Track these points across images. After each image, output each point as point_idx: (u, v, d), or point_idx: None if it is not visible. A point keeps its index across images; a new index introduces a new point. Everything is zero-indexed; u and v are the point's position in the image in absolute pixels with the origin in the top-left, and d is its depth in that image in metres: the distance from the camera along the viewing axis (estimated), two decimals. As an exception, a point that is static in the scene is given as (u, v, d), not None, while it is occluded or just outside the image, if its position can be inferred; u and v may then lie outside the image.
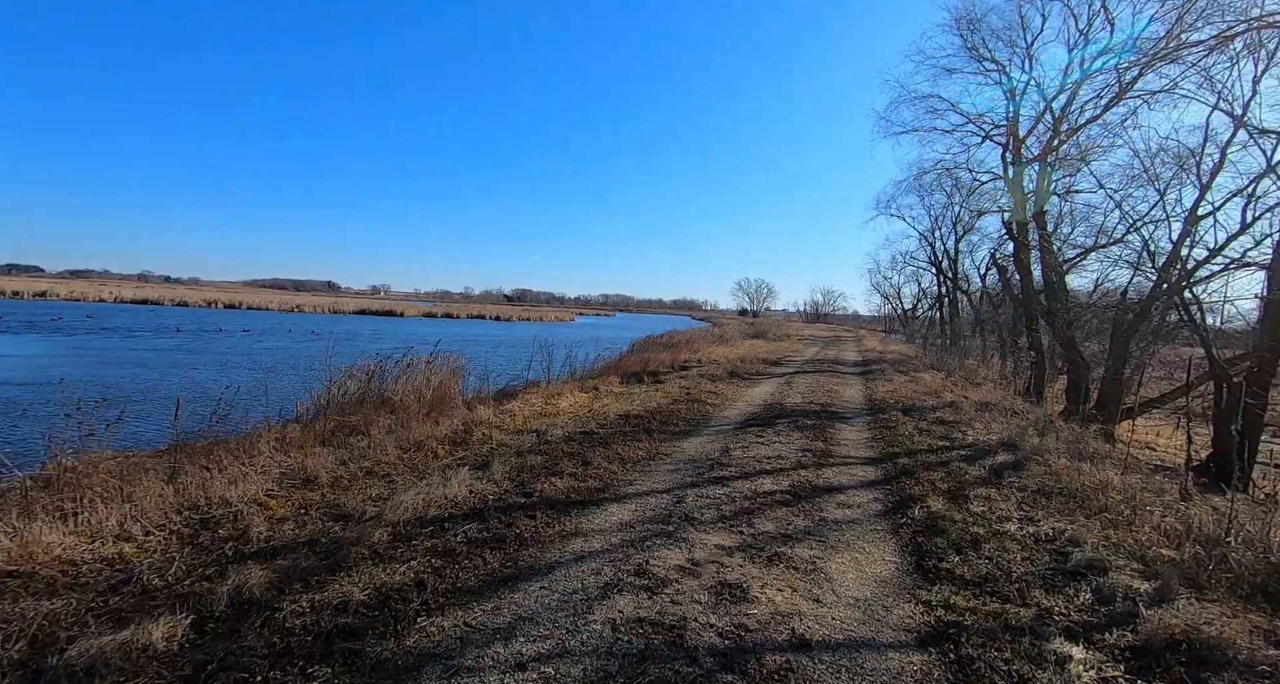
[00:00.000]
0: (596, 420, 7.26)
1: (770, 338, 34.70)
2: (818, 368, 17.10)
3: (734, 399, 9.76)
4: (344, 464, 4.77)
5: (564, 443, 6.02)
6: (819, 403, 9.79)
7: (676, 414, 8.00)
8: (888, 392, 11.69)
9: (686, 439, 6.62)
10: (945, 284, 38.92)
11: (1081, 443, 9.03)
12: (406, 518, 3.67)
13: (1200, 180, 13.78)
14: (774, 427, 7.55)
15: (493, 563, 3.20)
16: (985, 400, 12.50)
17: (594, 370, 12.52)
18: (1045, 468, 5.90)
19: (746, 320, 75.33)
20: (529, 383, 10.28)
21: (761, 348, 25.34)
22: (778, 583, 3.16)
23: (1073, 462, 6.12)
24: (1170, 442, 17.40)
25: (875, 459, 6.17)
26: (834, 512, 4.41)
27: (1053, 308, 19.04)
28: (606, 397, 9.10)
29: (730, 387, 11.23)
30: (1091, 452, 8.27)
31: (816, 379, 13.52)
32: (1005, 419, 9.43)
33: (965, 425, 8.31)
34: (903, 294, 56.92)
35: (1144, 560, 3.65)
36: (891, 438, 7.22)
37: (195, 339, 26.35)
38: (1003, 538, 3.97)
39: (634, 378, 11.84)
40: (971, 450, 6.75)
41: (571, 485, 4.65)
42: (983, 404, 11.70)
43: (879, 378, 14.26)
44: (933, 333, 42.88)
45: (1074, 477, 5.59)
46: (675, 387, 10.56)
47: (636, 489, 4.71)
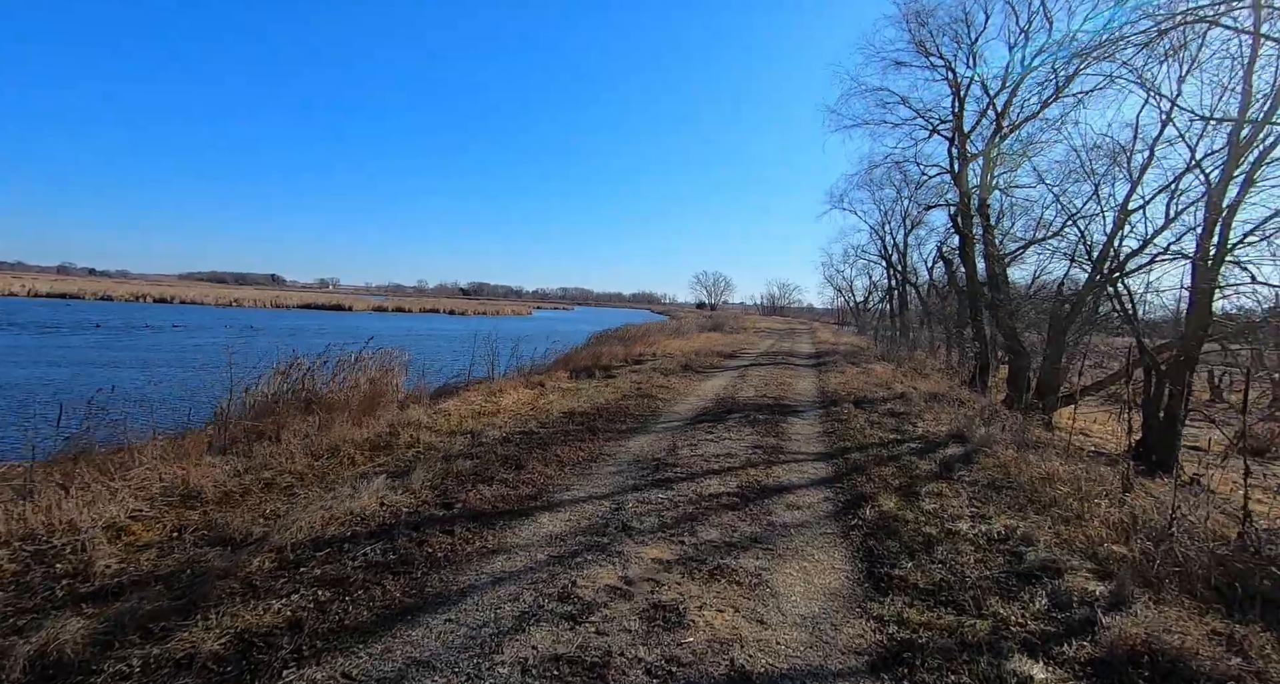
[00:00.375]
0: (539, 419, 6.83)
1: (727, 331, 34.82)
2: (772, 360, 17.07)
3: (686, 394, 9.48)
4: (239, 476, 4.20)
5: (499, 445, 5.57)
6: (772, 396, 9.62)
7: (625, 410, 7.64)
8: (840, 384, 11.67)
9: (633, 437, 6.27)
10: (895, 277, 39.89)
11: (1025, 432, 9.16)
12: (299, 540, 3.18)
13: (1131, 176, 14.30)
14: (725, 422, 7.29)
15: (393, 592, 2.76)
16: (934, 391, 12.67)
17: (543, 365, 12.03)
18: (994, 460, 5.83)
19: (704, 313, 75.73)
20: (473, 380, 9.74)
21: (717, 341, 25.29)
22: (719, 602, 2.84)
23: (1020, 453, 6.08)
24: (1103, 427, 18.22)
25: (827, 454, 5.97)
26: (783, 514, 4.14)
27: (996, 299, 19.63)
28: (553, 393, 8.66)
29: (683, 380, 10.96)
30: (1035, 440, 8.37)
31: (770, 371, 13.42)
32: (953, 409, 9.49)
33: (915, 417, 8.27)
34: (855, 287, 58.16)
35: (1096, 559, 3.52)
36: (843, 432, 7.07)
37: (118, 336, 24.35)
38: (955, 538, 3.78)
39: (584, 372, 11.42)
40: (922, 443, 6.66)
41: (501, 493, 4.22)
42: (931, 395, 11.82)
43: (832, 370, 14.30)
44: (883, 325, 43.99)
45: (1022, 469, 5.53)
46: (626, 381, 10.20)
47: (573, 495, 4.33)
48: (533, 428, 6.33)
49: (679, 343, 21.28)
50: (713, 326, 36.67)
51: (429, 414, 6.63)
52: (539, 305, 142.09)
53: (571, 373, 10.88)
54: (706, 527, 3.83)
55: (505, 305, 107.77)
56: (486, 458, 5.05)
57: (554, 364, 12.17)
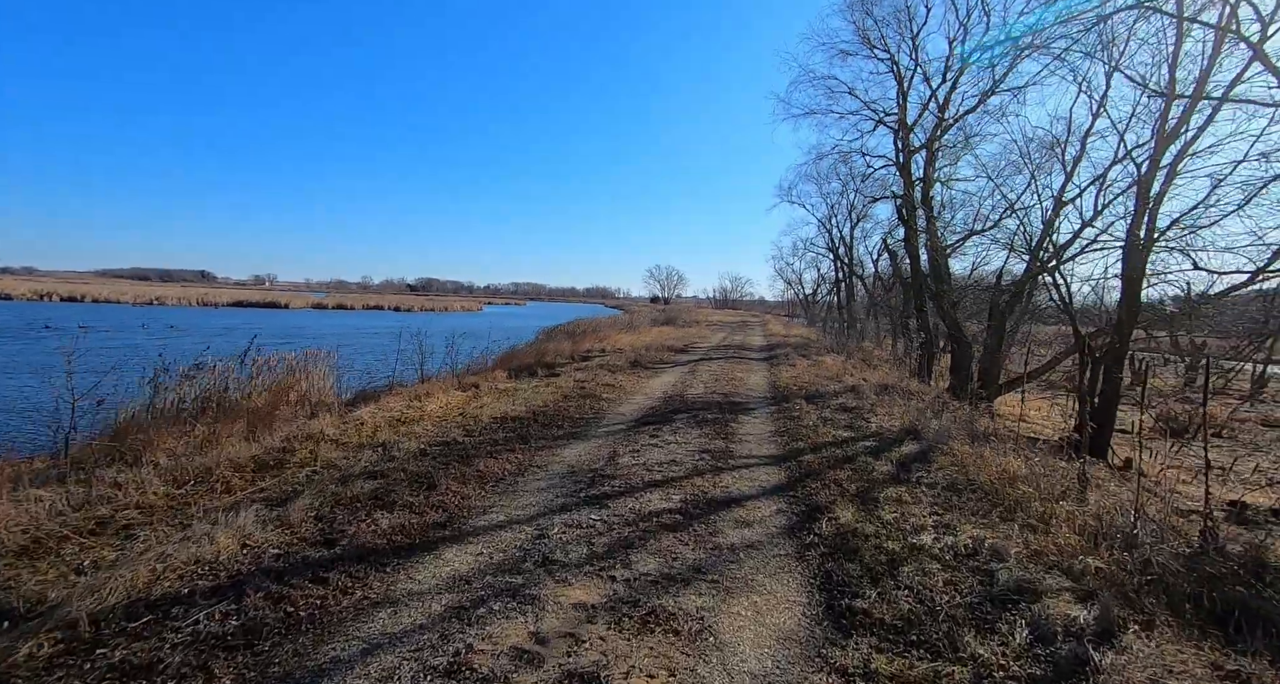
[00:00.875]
0: (465, 426, 6.13)
1: (679, 324, 34.56)
2: (723, 354, 16.78)
3: (632, 392, 8.94)
4: (64, 514, 3.37)
5: (413, 459, 4.86)
6: (722, 392, 9.20)
7: (564, 413, 7.03)
8: (791, 377, 11.40)
9: (570, 444, 5.67)
10: (842, 269, 40.61)
11: (974, 422, 9.08)
12: (109, 605, 2.44)
13: (1065, 168, 14.65)
14: (672, 423, 6.78)
15: (221, 680, 2.09)
16: (883, 382, 12.60)
17: (483, 365, 11.25)
18: (951, 458, 5.55)
19: (658, 307, 75.66)
20: (400, 382, 8.90)
21: (669, 335, 24.92)
22: (651, 663, 2.30)
23: (975, 449, 5.84)
24: (1039, 413, 18.85)
25: (779, 457, 5.55)
26: (731, 534, 3.65)
27: (939, 290, 20.00)
28: (487, 395, 7.95)
29: (630, 378, 10.42)
30: (985, 432, 8.26)
31: (721, 366, 13.07)
32: (904, 402, 9.32)
33: (868, 412, 8.01)
34: (804, 279, 59.18)
35: (1073, 574, 3.18)
36: (795, 430, 6.68)
37: (9, 339, 21.80)
38: (921, 555, 3.38)
39: (526, 371, 10.72)
40: (877, 440, 6.34)
41: (402, 522, 3.56)
42: (882, 386, 11.72)
43: (782, 363, 14.09)
44: (831, 317, 44.83)
45: (979, 466, 5.26)
46: (570, 380, 9.58)
47: (490, 520, 3.70)
48: (456, 437, 5.63)
49: (629, 338, 20.75)
50: (665, 321, 36.37)
51: (338, 424, 5.83)
52: (490, 301, 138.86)
53: (511, 372, 10.16)
54: (644, 554, 3.29)
55: (454, 301, 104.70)
56: (394, 477, 4.35)
57: (494, 363, 11.40)
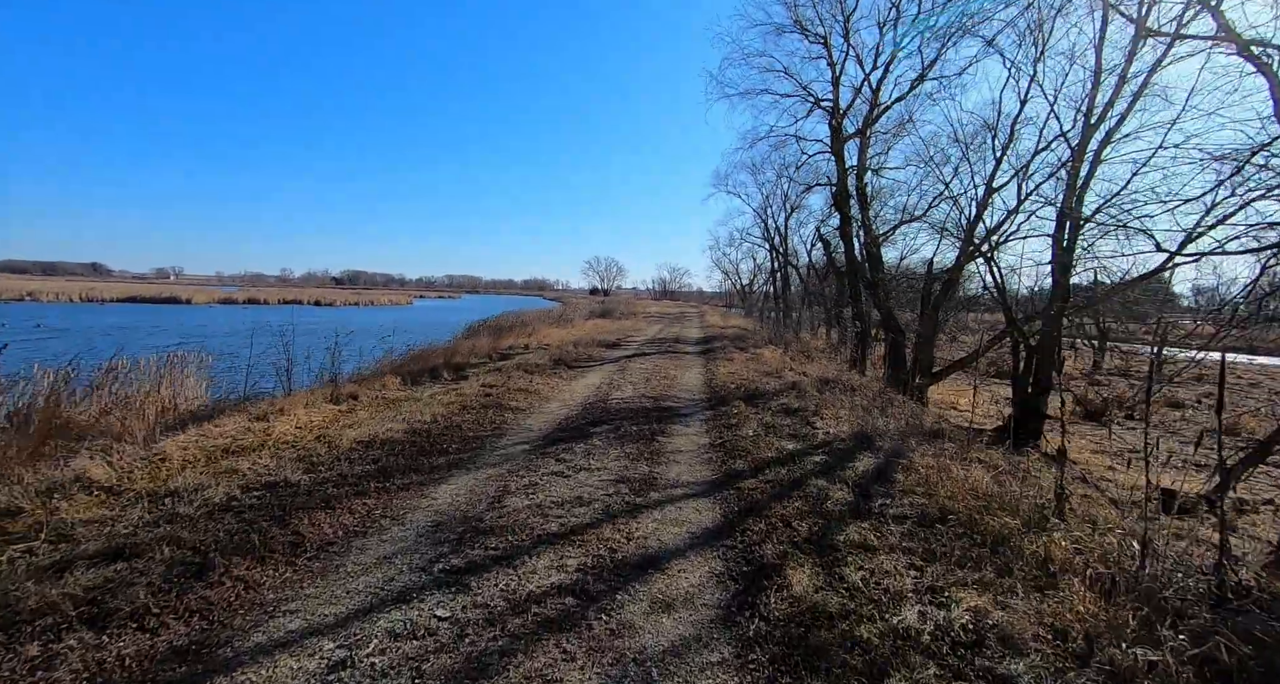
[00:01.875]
0: (313, 457, 4.70)
1: (615, 317, 33.44)
2: (659, 348, 15.76)
3: (548, 398, 7.69)
4: None
5: (206, 518, 3.44)
6: (653, 395, 8.11)
7: (455, 431, 5.69)
8: (729, 374, 10.49)
9: (449, 479, 4.37)
10: (777, 259, 40.73)
11: (922, 420, 8.44)
12: None
13: (995, 154, 14.46)
14: (588, 440, 5.60)
15: None
16: (824, 376, 11.93)
17: (379, 368, 9.65)
18: (914, 475, 4.67)
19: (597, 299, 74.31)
20: (258, 395, 7.26)
21: (603, 328, 23.74)
22: None
23: (937, 460, 5.01)
24: (968, 401, 18.99)
25: (714, 484, 4.48)
26: (645, 629, 2.51)
27: (875, 278, 19.79)
28: (365, 409, 6.49)
29: (551, 380, 9.16)
30: (933, 429, 7.60)
31: (655, 363, 12.01)
32: (848, 399, 8.57)
33: (813, 414, 7.14)
34: (740, 270, 59.45)
35: (1114, 673, 2.26)
36: (734, 443, 5.66)
37: None
38: (908, 649, 2.37)
39: (428, 375, 9.24)
40: (826, 453, 5.41)
41: (106, 659, 2.19)
42: (823, 381, 11.01)
43: (720, 357, 13.21)
44: (768, 307, 45.02)
45: (946, 485, 4.40)
46: (476, 385, 8.21)
47: (271, 635, 2.39)
48: (289, 477, 4.20)
49: (559, 332, 19.41)
50: (601, 313, 35.15)
51: (127, 462, 4.28)
52: (422, 294, 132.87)
53: (408, 377, 8.66)
54: (503, 688, 2.10)
55: (382, 295, 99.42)
56: (150, 556, 2.93)
57: (391, 366, 9.83)
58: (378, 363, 10.07)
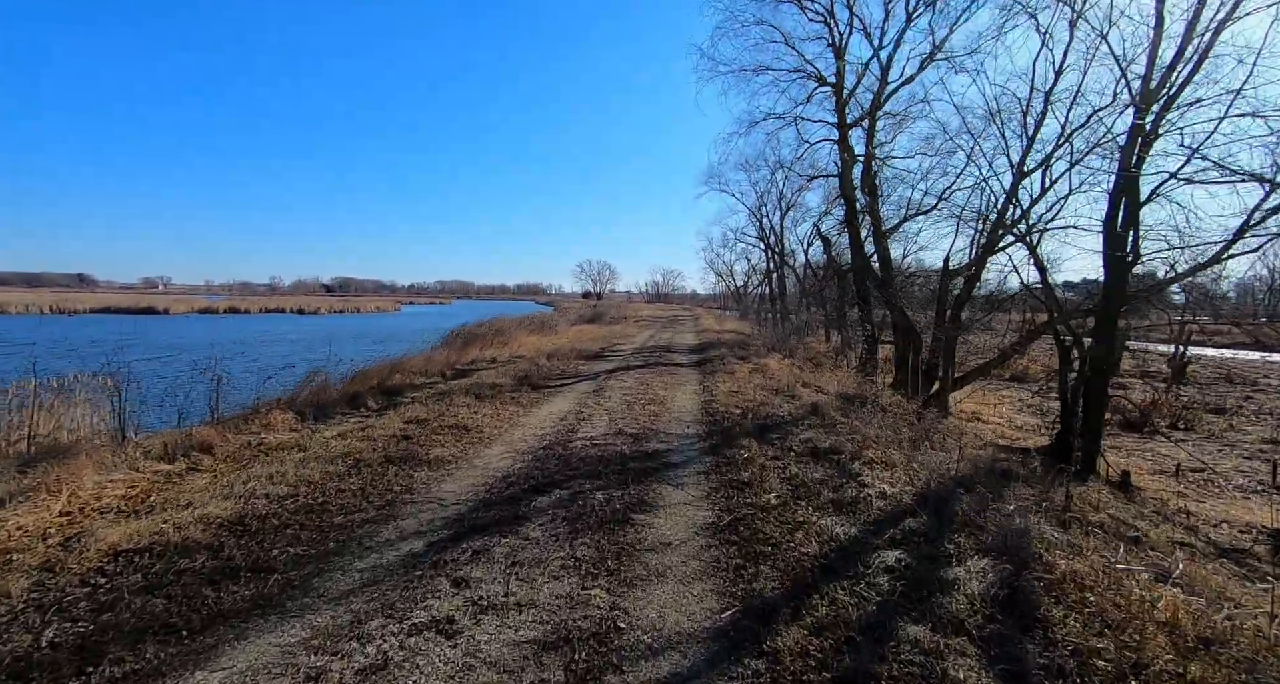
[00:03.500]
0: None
1: (605, 321, 31.45)
2: (648, 359, 13.74)
3: (491, 439, 5.66)
4: None
5: None
6: (633, 431, 6.09)
7: (316, 515, 3.60)
8: (732, 394, 8.49)
9: (224, 649, 2.35)
10: (773, 259, 38.97)
11: (972, 449, 6.54)
12: None
13: (1027, 132, 12.59)
14: (524, 524, 3.57)
15: None
16: (843, 392, 9.97)
17: (291, 394, 7.57)
18: (1066, 596, 2.70)
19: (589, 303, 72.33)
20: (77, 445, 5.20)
21: (589, 334, 21.72)
22: None
23: (1088, 562, 3.05)
24: (994, 411, 17.11)
25: (726, 644, 2.46)
26: None
27: (885, 276, 17.90)
28: (208, 470, 4.45)
29: (505, 408, 7.12)
30: (999, 466, 5.70)
31: (641, 380, 10.00)
32: (885, 426, 6.62)
33: (852, 459, 5.15)
34: (735, 271, 57.70)
35: None
36: (751, 525, 3.64)
37: None
38: None
39: (345, 403, 7.21)
40: (899, 544, 3.40)
41: None
42: (844, 399, 9.05)
43: (719, 370, 11.21)
44: (764, 309, 43.12)
45: (1130, 620, 2.43)
46: (399, 420, 6.17)
47: None
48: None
49: (538, 340, 17.39)
50: (590, 318, 33.17)
51: None
52: (411, 301, 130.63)
53: (314, 410, 6.61)
54: None
55: (369, 302, 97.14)
56: None
57: (312, 392, 7.75)
58: (310, 384, 8.00)
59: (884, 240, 18.07)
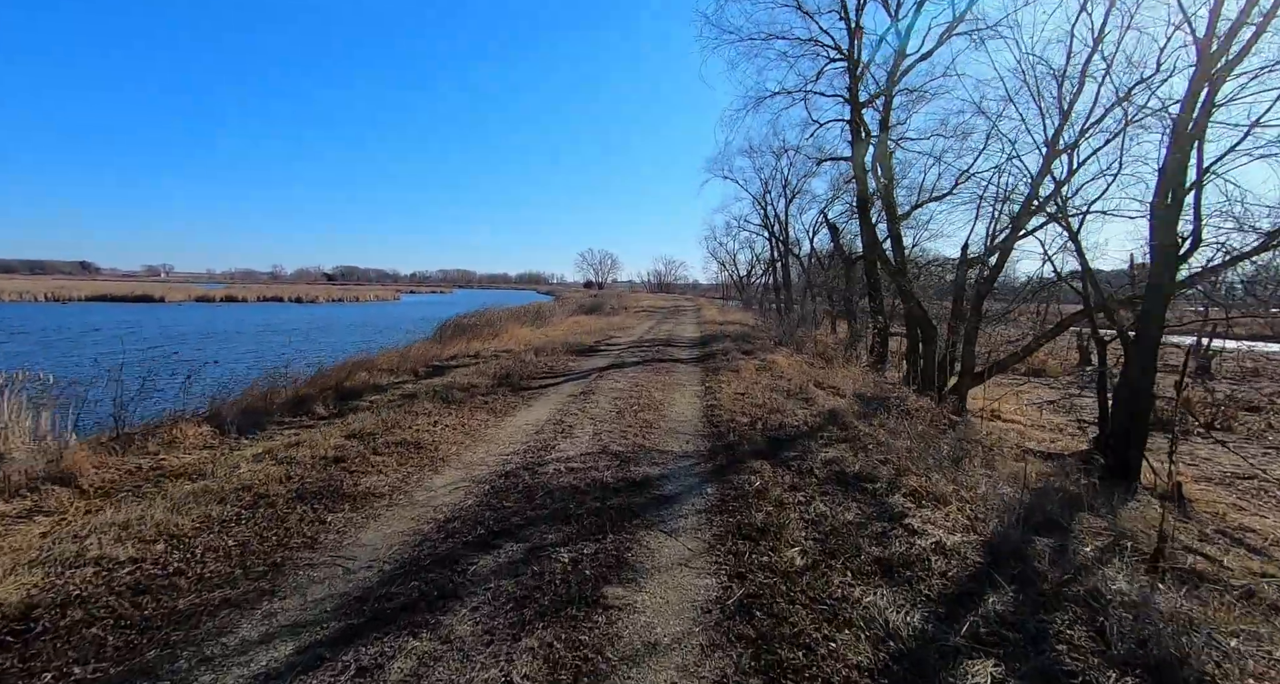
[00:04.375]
0: None
1: (604, 312, 30.34)
2: (645, 354, 12.66)
3: (445, 460, 4.62)
4: None
5: None
6: (620, 449, 5.04)
7: (156, 596, 2.51)
8: (737, 397, 7.43)
9: None
10: (777, 248, 37.77)
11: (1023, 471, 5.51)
12: None
13: (1061, 106, 11.39)
14: (455, 602, 2.51)
15: None
16: (861, 391, 8.91)
17: (254, 396, 6.52)
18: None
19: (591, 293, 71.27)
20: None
21: (585, 326, 20.65)
22: None
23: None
24: (1017, 410, 16.03)
25: None
26: None
27: (900, 264, 16.75)
28: (56, 513, 3.42)
29: (473, 417, 6.07)
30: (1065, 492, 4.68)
31: (636, 379, 8.94)
32: (924, 443, 5.58)
33: (890, 490, 4.10)
34: (738, 260, 56.50)
35: None
36: (766, 598, 2.58)
37: None
38: None
39: (288, 411, 6.17)
40: (971, 636, 2.38)
41: None
42: (864, 402, 8.00)
43: (723, 367, 10.14)
44: (768, 299, 41.93)
45: None
46: (339, 435, 5.12)
47: None
48: None
49: (528, 333, 16.33)
50: (590, 308, 32.07)
51: None
52: (413, 289, 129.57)
53: (247, 418, 5.57)
54: None
55: (368, 291, 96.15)
56: None
57: (256, 395, 6.70)
58: (269, 381, 6.94)
59: (898, 225, 16.91)
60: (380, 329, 25.06)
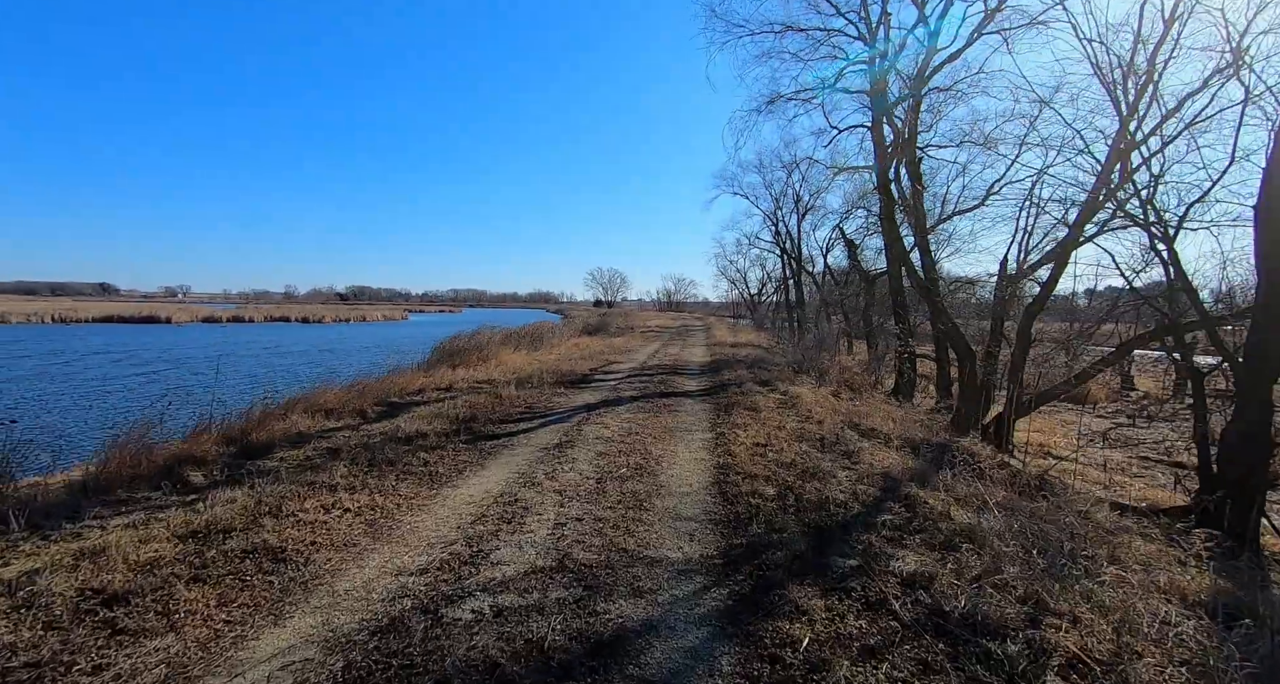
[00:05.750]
0: None
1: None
2: (646, 385, 10.96)
3: (309, 586, 2.92)
4: None
5: None
6: (589, 558, 3.29)
7: None
8: (756, 448, 5.71)
9: None
10: (790, 265, 36.18)
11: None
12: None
13: (1125, 100, 9.75)
14: None
15: None
16: (911, 437, 7.15)
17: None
18: None
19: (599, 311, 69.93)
20: None
21: (586, 348, 19.02)
22: None
23: None
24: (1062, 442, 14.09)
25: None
26: None
27: (930, 280, 15.03)
28: None
29: (398, 488, 4.39)
30: None
31: (631, 422, 7.24)
32: (1021, 526, 3.85)
33: (1029, 654, 2.39)
34: (749, 278, 54.92)
35: None
36: None
37: None
38: None
39: (155, 478, 4.54)
40: None
41: None
42: (918, 452, 6.26)
43: (737, 404, 8.41)
44: (780, 318, 40.14)
45: None
46: (169, 534, 3.47)
47: None
48: None
49: (521, 359, 14.72)
50: (594, 328, 30.47)
51: None
52: (422, 308, 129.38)
53: (64, 500, 3.95)
54: None
55: (376, 310, 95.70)
56: None
57: (113, 455, 5.10)
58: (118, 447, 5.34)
59: (926, 238, 15.23)
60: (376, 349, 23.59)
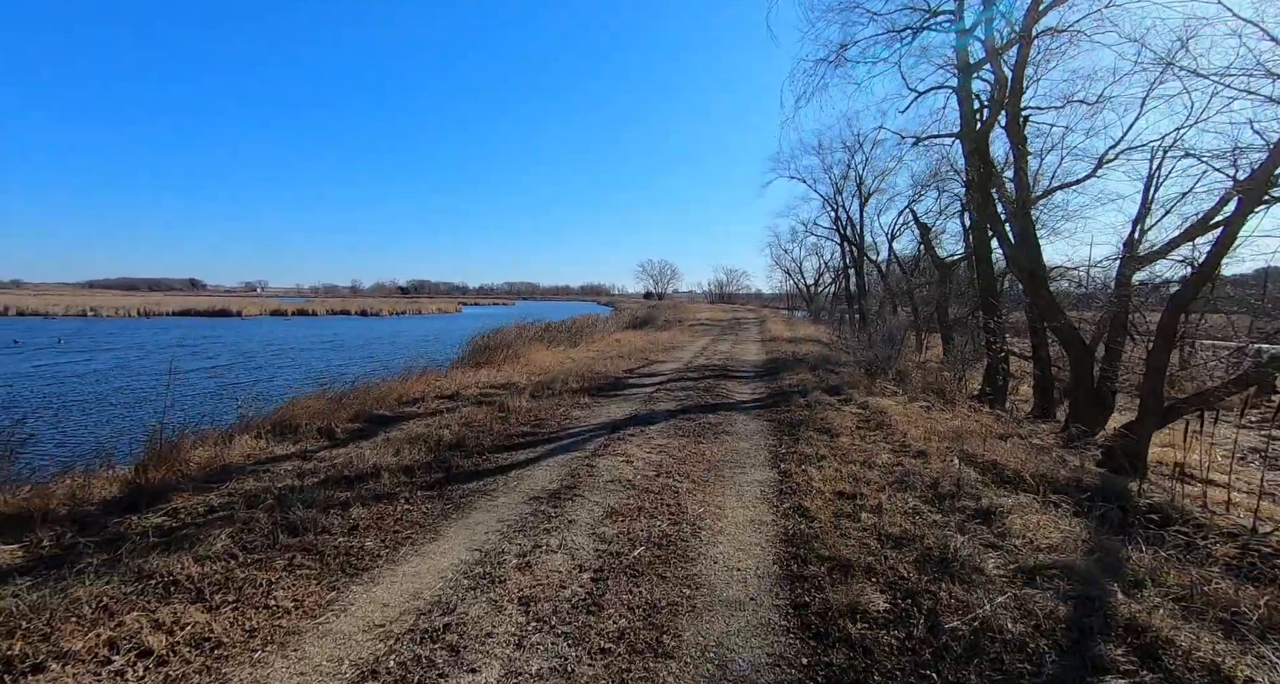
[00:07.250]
0: None
1: (655, 326, 26.98)
2: (689, 394, 9.13)
3: None
4: None
5: None
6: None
7: None
8: (840, 503, 3.87)
9: None
10: (850, 253, 33.27)
11: None
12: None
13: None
14: None
15: None
16: (1044, 474, 5.07)
17: None
18: None
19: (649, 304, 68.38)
20: None
21: (628, 344, 17.36)
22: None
23: None
24: (1207, 460, 11.30)
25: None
26: None
27: (1035, 264, 12.47)
28: None
29: (277, 594, 2.86)
30: None
31: (664, 452, 5.50)
32: None
33: None
34: (804, 268, 51.72)
35: None
36: None
37: None
38: None
39: None
40: None
41: None
42: (1072, 500, 4.23)
43: (805, 423, 6.51)
44: (839, 309, 37.27)
45: None
46: None
47: None
48: None
49: (551, 357, 13.21)
50: (641, 321, 28.79)
51: None
52: (476, 301, 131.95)
53: None
54: None
55: (432, 303, 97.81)
56: None
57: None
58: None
59: (1029, 215, 12.62)
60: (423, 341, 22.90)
